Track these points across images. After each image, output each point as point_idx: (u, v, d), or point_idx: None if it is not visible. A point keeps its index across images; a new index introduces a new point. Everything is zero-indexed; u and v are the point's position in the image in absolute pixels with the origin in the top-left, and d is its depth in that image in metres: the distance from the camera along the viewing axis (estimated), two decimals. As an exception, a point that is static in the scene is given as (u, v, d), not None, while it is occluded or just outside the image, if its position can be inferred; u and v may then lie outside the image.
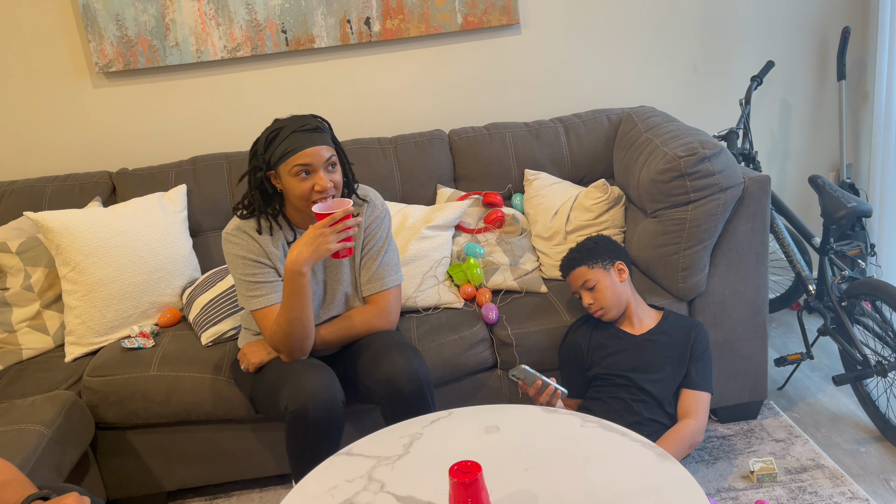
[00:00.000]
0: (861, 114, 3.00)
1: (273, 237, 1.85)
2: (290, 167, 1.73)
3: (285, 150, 1.73)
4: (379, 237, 1.94)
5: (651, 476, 1.39)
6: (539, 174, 2.60)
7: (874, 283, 2.06)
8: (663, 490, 1.35)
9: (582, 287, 2.05)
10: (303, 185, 1.74)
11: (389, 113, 2.81)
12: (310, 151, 1.73)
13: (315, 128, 1.76)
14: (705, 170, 2.04)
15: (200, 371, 2.09)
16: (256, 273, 1.82)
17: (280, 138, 1.75)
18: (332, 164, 1.77)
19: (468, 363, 2.15)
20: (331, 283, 1.93)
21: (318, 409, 1.69)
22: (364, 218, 1.93)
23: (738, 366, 2.23)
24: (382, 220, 1.95)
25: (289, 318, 1.76)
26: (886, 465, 2.05)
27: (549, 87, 2.84)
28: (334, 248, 1.69)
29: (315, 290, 1.91)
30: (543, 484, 1.40)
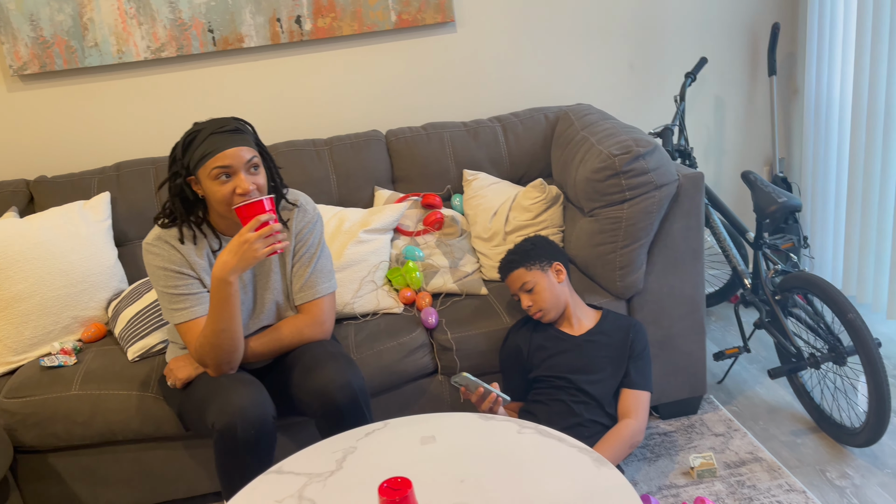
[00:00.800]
0: (792, 108, 3.06)
1: (197, 246, 1.77)
2: (209, 170, 1.66)
3: (203, 153, 1.66)
4: (311, 243, 1.88)
5: (587, 482, 1.37)
6: (478, 174, 2.57)
7: (805, 276, 2.09)
8: (600, 496, 1.33)
9: (520, 289, 2.02)
10: (223, 188, 1.66)
11: (324, 114, 2.74)
12: (229, 153, 1.65)
13: (235, 129, 1.68)
14: (639, 168, 2.03)
15: (126, 388, 2.00)
16: (179, 285, 1.74)
17: (198, 141, 1.67)
18: (255, 166, 1.69)
19: (408, 370, 2.10)
20: (260, 293, 1.86)
21: (247, 426, 1.62)
22: (294, 224, 1.87)
23: (677, 362, 2.24)
24: (314, 226, 1.89)
25: (216, 329, 1.68)
26: (822, 456, 2.08)
27: (486, 86, 2.81)
28: (262, 254, 1.62)
29: (244, 300, 1.83)
30: (479, 495, 1.36)
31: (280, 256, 1.87)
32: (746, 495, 1.95)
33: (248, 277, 1.84)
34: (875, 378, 1.90)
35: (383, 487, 1.22)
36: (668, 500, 1.97)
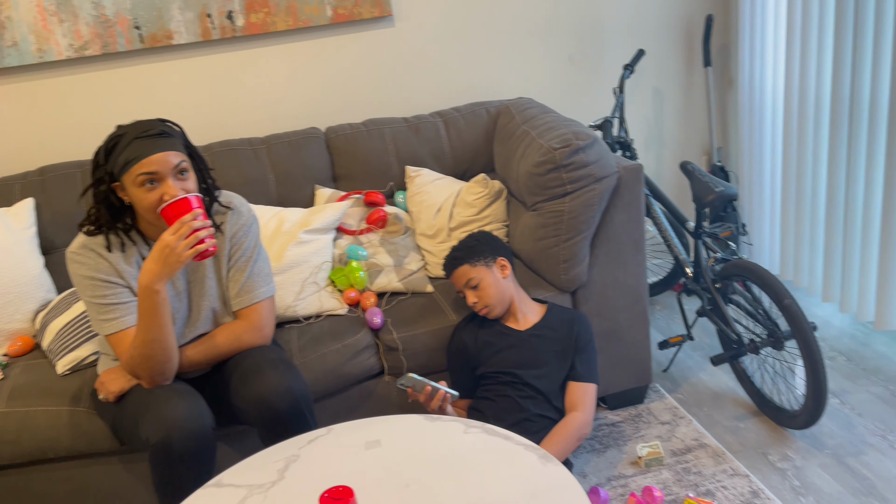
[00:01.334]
0: (728, 98, 3.12)
1: (125, 253, 1.69)
2: (134, 177, 1.58)
3: (128, 159, 1.57)
4: (247, 246, 1.82)
5: (534, 481, 1.36)
6: (420, 170, 2.54)
7: (743, 264, 2.12)
8: (546, 494, 1.32)
9: (465, 286, 2.01)
10: (150, 195, 1.59)
11: (260, 112, 2.67)
12: (155, 158, 1.57)
13: (160, 132, 1.60)
14: (580, 161, 2.03)
15: (56, 403, 1.91)
16: (108, 294, 1.66)
17: (121, 146, 1.58)
18: (183, 171, 1.62)
19: (354, 372, 2.06)
20: (196, 299, 1.79)
21: (183, 439, 1.56)
22: (228, 227, 1.80)
23: (622, 353, 2.26)
24: (249, 228, 1.83)
25: (146, 339, 1.61)
26: (763, 440, 2.13)
27: (426, 81, 2.78)
28: (186, 256, 1.55)
29: (178, 308, 1.76)
30: (425, 499, 1.34)
31: (215, 261, 1.80)
32: (692, 482, 1.98)
33: (182, 284, 1.77)
34: (811, 361, 1.94)
35: (324, 497, 1.18)
36: (617, 490, 1.98)
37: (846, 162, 2.50)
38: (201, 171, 1.73)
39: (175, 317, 1.76)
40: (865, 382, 2.32)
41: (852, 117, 2.42)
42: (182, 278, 1.77)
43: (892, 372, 2.35)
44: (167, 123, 1.66)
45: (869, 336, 2.57)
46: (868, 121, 2.37)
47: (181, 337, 1.78)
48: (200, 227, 1.55)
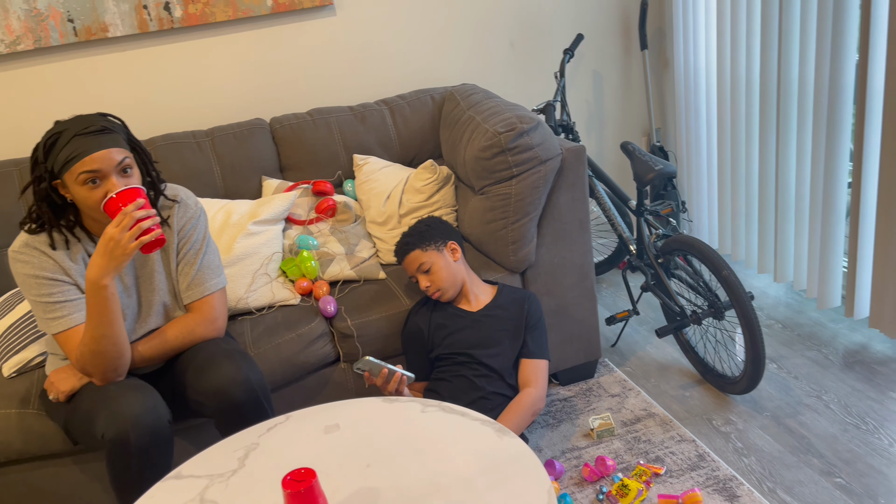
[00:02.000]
0: (664, 80, 3.21)
1: (70, 251, 1.67)
2: (76, 175, 1.54)
3: (68, 157, 1.54)
4: (195, 239, 1.81)
5: (491, 454, 1.40)
6: (368, 158, 2.55)
7: (683, 238, 2.21)
8: (503, 466, 1.36)
9: (418, 270, 2.04)
10: (93, 194, 1.56)
11: (203, 104, 2.64)
12: (97, 156, 1.54)
13: (102, 129, 1.57)
14: (524, 144, 2.08)
15: (4, 406, 1.87)
16: (54, 292, 1.64)
17: (61, 144, 1.55)
18: (126, 168, 1.59)
19: (309, 360, 2.08)
20: (145, 294, 1.78)
21: (140, 434, 1.55)
22: (176, 220, 1.79)
23: (572, 329, 2.33)
24: (197, 221, 1.82)
25: (96, 336, 1.59)
26: (708, 406, 2.22)
27: (370, 69, 2.79)
28: (132, 248, 1.54)
29: (127, 303, 1.75)
30: (385, 479, 1.37)
31: (163, 255, 1.79)
32: (643, 449, 2.06)
33: (130, 279, 1.75)
34: (750, 329, 2.04)
35: (286, 480, 1.20)
36: (572, 462, 2.05)
37: (776, 138, 2.61)
38: (146, 165, 1.71)
39: (125, 312, 1.74)
40: (801, 347, 2.44)
41: (780, 95, 2.53)
42: (130, 273, 1.76)
43: (825, 337, 2.48)
44: (108, 118, 1.63)
45: (802, 304, 2.70)
46: (797, 99, 2.49)
47: (132, 332, 1.76)
48: (144, 216, 1.53)
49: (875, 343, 2.40)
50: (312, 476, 1.20)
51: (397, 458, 1.42)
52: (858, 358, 2.34)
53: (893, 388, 2.17)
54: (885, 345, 2.38)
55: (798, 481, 1.88)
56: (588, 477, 1.96)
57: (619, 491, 1.88)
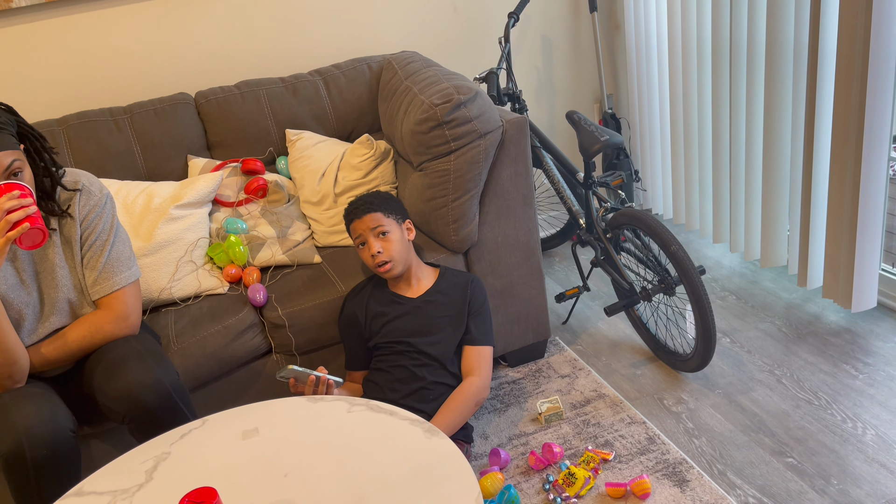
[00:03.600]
0: (615, 44, 3.09)
1: None
2: None
3: None
4: (101, 229, 1.65)
5: (419, 456, 1.30)
6: (302, 133, 2.40)
7: (631, 212, 2.11)
8: (431, 471, 1.26)
9: (373, 231, 1.87)
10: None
11: (120, 79, 2.44)
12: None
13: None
14: (462, 116, 1.95)
15: None
16: None
17: None
18: (16, 171, 1.45)
19: (238, 353, 1.95)
20: (47, 291, 1.62)
21: (36, 447, 1.41)
22: (78, 209, 1.63)
23: (519, 309, 2.23)
24: (103, 209, 1.66)
25: None
26: (659, 385, 2.15)
27: (303, 37, 2.61)
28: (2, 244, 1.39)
29: (28, 301, 1.60)
30: (303, 489, 1.26)
31: (66, 248, 1.63)
32: (591, 433, 1.98)
33: (29, 274, 1.60)
34: (699, 305, 1.96)
35: (185, 502, 1.08)
36: (518, 449, 1.97)
37: (729, 104, 2.52)
38: (38, 153, 1.55)
39: (24, 311, 1.59)
40: (754, 320, 2.38)
41: (732, 59, 2.42)
42: (29, 268, 1.60)
43: (779, 308, 2.42)
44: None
45: (756, 274, 2.64)
46: (746, 62, 2.39)
47: (33, 333, 1.61)
48: (14, 207, 1.38)
49: (828, 313, 2.35)
50: (213, 496, 1.08)
51: (318, 465, 1.31)
52: (812, 329, 2.28)
53: (846, 360, 2.12)
54: (838, 315, 2.33)
55: (749, 462, 1.81)
56: (534, 465, 1.88)
57: (565, 480, 1.80)
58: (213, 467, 1.35)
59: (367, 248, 1.89)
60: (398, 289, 1.96)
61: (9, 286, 1.58)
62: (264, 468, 1.33)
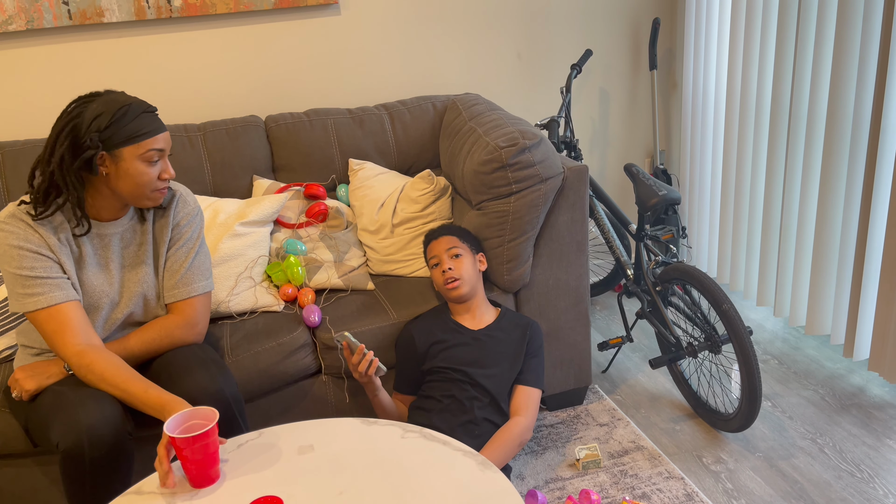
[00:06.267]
0: (672, 102, 3.15)
1: (57, 229, 1.60)
2: (144, 150, 1.56)
3: (138, 132, 1.54)
4: (190, 237, 1.75)
5: (472, 487, 1.33)
6: (364, 164, 2.48)
7: (683, 268, 2.14)
8: (484, 502, 1.29)
9: (447, 252, 1.99)
10: (151, 171, 1.58)
11: (197, 97, 2.55)
12: (164, 136, 1.59)
13: (156, 111, 1.62)
14: (526, 161, 2.01)
15: (-35, 402, 1.78)
16: (36, 266, 1.57)
17: (130, 117, 1.54)
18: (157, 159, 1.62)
19: (289, 371, 1.99)
20: (128, 285, 1.70)
21: (96, 446, 1.46)
22: (173, 214, 1.74)
23: (563, 354, 2.25)
24: (194, 218, 1.77)
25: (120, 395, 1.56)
26: (698, 442, 2.15)
27: (371, 72, 2.72)
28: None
29: (107, 291, 1.67)
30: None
31: (154, 246, 1.74)
32: (629, 484, 1.98)
33: (116, 266, 1.68)
34: (747, 366, 1.97)
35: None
36: (555, 493, 1.97)
37: (784, 168, 2.55)
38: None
39: (102, 300, 1.67)
40: (796, 386, 2.37)
41: (791, 124, 2.46)
42: (117, 259, 1.69)
43: (822, 376, 2.41)
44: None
45: (800, 340, 2.63)
46: (806, 129, 2.43)
47: (106, 321, 1.69)
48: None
49: (873, 387, 2.33)
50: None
51: (372, 487, 1.34)
52: (856, 401, 2.27)
53: (890, 434, 2.10)
54: (883, 389, 2.31)
55: (789, 529, 1.80)
56: (571, 511, 1.88)
57: (602, 528, 1.80)
58: (270, 478, 1.38)
59: (439, 268, 1.97)
60: (461, 318, 2.00)
61: (93, 272, 1.66)
62: (320, 484, 1.36)
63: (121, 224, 1.68)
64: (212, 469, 1.37)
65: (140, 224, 1.71)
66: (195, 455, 1.33)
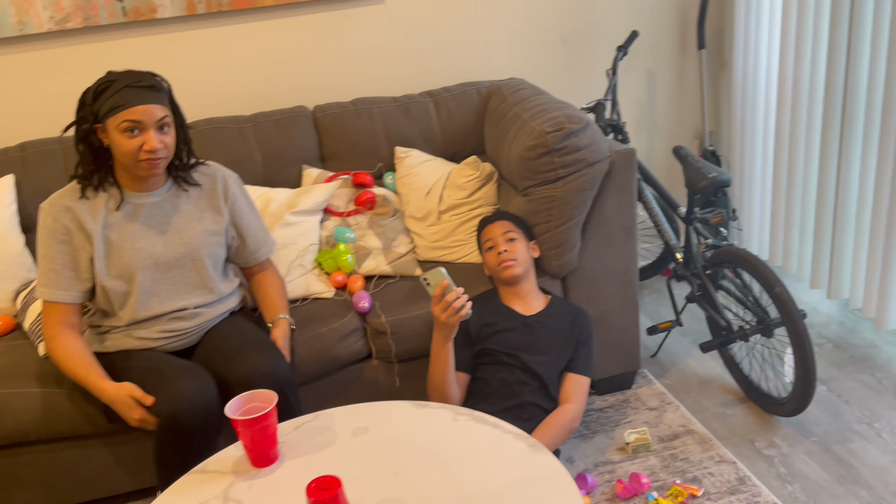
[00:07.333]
0: (721, 82, 3.09)
1: (93, 204, 1.73)
2: (119, 122, 1.62)
3: (115, 105, 1.62)
4: (244, 198, 1.92)
5: (523, 469, 1.35)
6: (410, 151, 2.50)
7: (734, 251, 2.11)
8: (536, 483, 1.31)
9: (503, 236, 2.01)
10: (131, 142, 1.63)
11: (246, 89, 2.61)
12: (142, 109, 1.62)
13: (150, 85, 1.65)
14: (572, 145, 2.00)
15: (38, 385, 1.87)
16: (57, 258, 1.72)
17: (111, 91, 1.63)
18: (164, 126, 1.67)
19: (341, 355, 2.04)
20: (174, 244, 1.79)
21: (193, 415, 1.59)
22: (219, 182, 1.86)
23: (612, 338, 2.25)
24: (235, 182, 1.91)
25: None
26: (750, 426, 2.13)
27: (416, 60, 2.73)
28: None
29: (161, 253, 1.77)
30: (412, 489, 1.32)
31: (211, 212, 1.85)
32: (679, 468, 1.98)
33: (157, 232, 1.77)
34: (801, 349, 1.94)
35: (311, 487, 1.16)
36: (605, 476, 1.98)
37: (839, 147, 2.48)
38: (182, 129, 1.76)
39: (146, 262, 1.76)
40: (852, 370, 2.33)
41: (847, 102, 2.40)
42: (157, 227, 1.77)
43: (880, 360, 2.36)
44: (157, 78, 1.69)
45: (856, 323, 2.57)
46: (864, 106, 2.36)
47: (159, 280, 1.77)
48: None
49: (934, 370, 2.27)
50: (338, 485, 1.16)
51: (425, 467, 1.37)
52: (915, 385, 2.22)
53: (952, 419, 2.05)
54: (944, 373, 2.25)
55: (845, 514, 1.78)
56: (621, 494, 1.89)
57: (653, 511, 1.80)
58: (326, 459, 1.43)
59: (494, 251, 1.99)
60: (511, 304, 2.02)
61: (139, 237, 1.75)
62: (374, 465, 1.40)
63: (157, 195, 1.78)
64: (271, 450, 1.42)
65: (182, 194, 1.82)
66: (256, 436, 1.38)
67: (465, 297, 1.76)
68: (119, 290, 1.75)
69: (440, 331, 1.82)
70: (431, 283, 1.76)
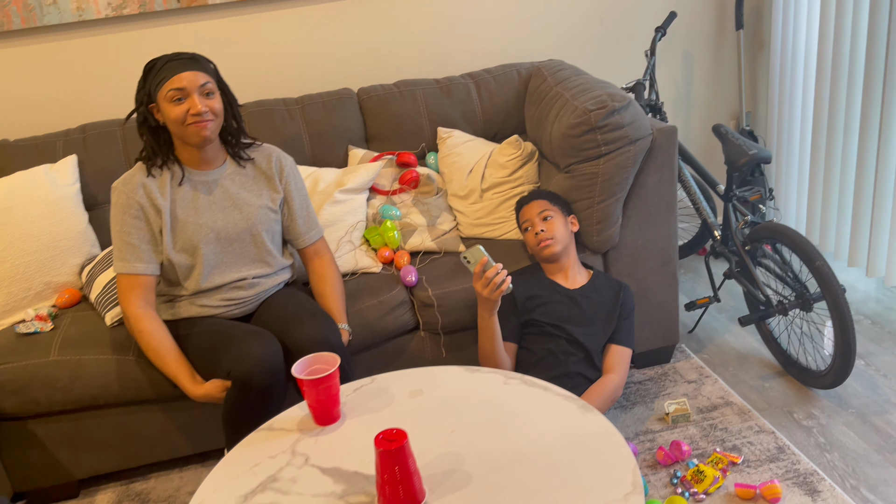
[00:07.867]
0: (758, 62, 3.10)
1: (159, 181, 1.83)
2: (166, 93, 1.73)
3: (161, 79, 1.74)
4: (299, 181, 2.00)
5: (574, 428, 1.41)
6: (452, 132, 2.57)
7: (774, 226, 2.15)
8: (587, 441, 1.37)
9: (538, 215, 2.07)
10: (178, 108, 1.74)
11: (293, 72, 2.69)
12: (184, 75, 1.73)
13: (191, 57, 1.77)
14: (615, 122, 2.05)
15: (106, 353, 1.98)
16: (132, 233, 1.82)
17: (156, 69, 1.75)
18: (209, 92, 1.77)
19: (389, 327, 2.12)
20: (234, 220, 1.88)
21: (263, 375, 1.68)
22: (274, 163, 1.96)
23: (651, 313, 2.30)
24: (293, 166, 2.00)
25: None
26: (789, 399, 2.17)
27: (457, 42, 2.79)
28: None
29: (223, 225, 1.87)
30: (470, 444, 1.40)
31: (269, 192, 1.94)
32: (719, 437, 2.03)
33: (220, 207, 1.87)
34: (842, 323, 1.98)
35: (379, 439, 1.24)
36: (645, 444, 2.04)
37: (879, 127, 2.49)
38: (231, 106, 1.87)
39: (209, 237, 1.85)
40: (891, 345, 2.35)
41: (886, 82, 2.41)
42: (220, 202, 1.87)
43: (917, 335, 2.38)
44: (199, 55, 1.81)
45: (894, 300, 2.59)
46: (903, 85, 2.36)
47: (221, 253, 1.87)
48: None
49: (973, 345, 2.29)
50: (404, 437, 1.24)
51: (481, 426, 1.45)
52: (954, 360, 2.24)
53: None
54: (984, 348, 2.27)
55: (883, 480, 1.82)
56: (662, 461, 1.95)
57: (694, 476, 1.86)
58: (386, 417, 1.51)
59: (532, 231, 2.05)
60: (555, 277, 2.08)
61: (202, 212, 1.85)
62: (432, 423, 1.47)
63: (218, 173, 1.88)
64: (334, 409, 1.50)
65: (241, 171, 1.91)
66: (321, 395, 1.47)
67: (504, 272, 1.83)
68: (184, 263, 1.84)
69: (484, 305, 1.89)
70: (471, 261, 1.83)
